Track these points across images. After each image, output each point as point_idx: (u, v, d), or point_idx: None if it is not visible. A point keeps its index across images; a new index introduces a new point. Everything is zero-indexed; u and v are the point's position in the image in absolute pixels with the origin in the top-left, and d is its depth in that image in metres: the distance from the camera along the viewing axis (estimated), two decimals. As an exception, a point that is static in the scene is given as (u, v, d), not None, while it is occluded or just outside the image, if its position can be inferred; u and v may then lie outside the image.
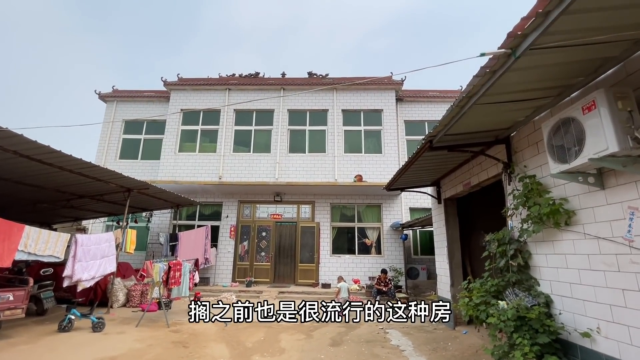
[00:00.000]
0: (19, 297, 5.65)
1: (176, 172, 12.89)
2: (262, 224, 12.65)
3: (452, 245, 6.98)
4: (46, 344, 5.47)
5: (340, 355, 5.18)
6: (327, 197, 12.76)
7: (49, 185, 7.52)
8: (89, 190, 8.33)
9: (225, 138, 13.25)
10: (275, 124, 13.37)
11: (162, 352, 5.21)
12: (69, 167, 6.49)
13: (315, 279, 11.82)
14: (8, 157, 5.71)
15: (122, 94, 15.00)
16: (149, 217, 12.42)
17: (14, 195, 8.11)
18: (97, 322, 6.29)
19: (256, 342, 5.81)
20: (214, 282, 11.95)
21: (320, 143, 13.25)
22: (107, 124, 14.68)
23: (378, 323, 7.31)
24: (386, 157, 12.86)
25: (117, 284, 8.78)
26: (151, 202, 10.30)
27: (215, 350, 5.31)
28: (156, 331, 6.40)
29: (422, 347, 5.54)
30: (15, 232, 5.60)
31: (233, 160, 13.04)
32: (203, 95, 13.90)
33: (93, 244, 7.25)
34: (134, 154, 14.38)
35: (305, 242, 12.30)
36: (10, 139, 5.08)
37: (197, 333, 6.35)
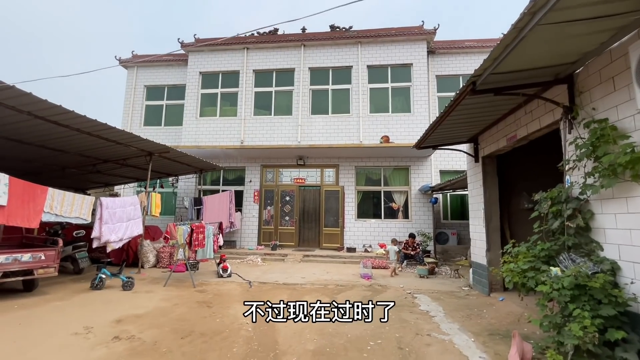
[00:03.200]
0: (50, 256, 5.82)
1: (198, 137, 12.76)
2: (286, 188, 12.44)
3: (490, 207, 6.34)
4: (78, 300, 5.67)
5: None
6: (351, 160, 12.21)
7: (72, 149, 7.55)
8: (112, 154, 8.33)
9: (245, 101, 12.80)
10: (296, 84, 12.67)
11: (187, 311, 5.21)
12: (86, 129, 6.37)
13: (340, 243, 11.66)
14: (24, 119, 5.63)
15: (142, 59, 14.73)
16: (174, 182, 12.56)
17: (42, 160, 8.29)
18: (127, 282, 6.45)
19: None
20: (240, 245, 12.14)
21: (344, 103, 12.48)
22: (129, 92, 14.65)
23: (405, 287, 7.03)
24: (415, 116, 11.92)
25: (147, 246, 9.03)
26: (174, 166, 10.28)
27: (238, 311, 5.24)
28: (182, 291, 6.49)
29: (454, 314, 5.18)
30: (39, 194, 5.64)
31: (254, 124, 12.65)
32: (221, 56, 13.32)
33: (118, 207, 7.32)
34: (157, 120, 14.38)
35: (330, 206, 12.02)
36: (20, 98, 4.92)
37: (221, 294, 6.37)
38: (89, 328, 4.32)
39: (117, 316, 4.83)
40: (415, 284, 7.48)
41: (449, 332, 4.39)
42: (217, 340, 4.03)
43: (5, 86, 4.52)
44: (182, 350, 3.74)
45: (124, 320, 4.66)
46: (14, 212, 5.19)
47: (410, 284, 7.46)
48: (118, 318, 4.75)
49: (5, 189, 5.07)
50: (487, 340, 4.06)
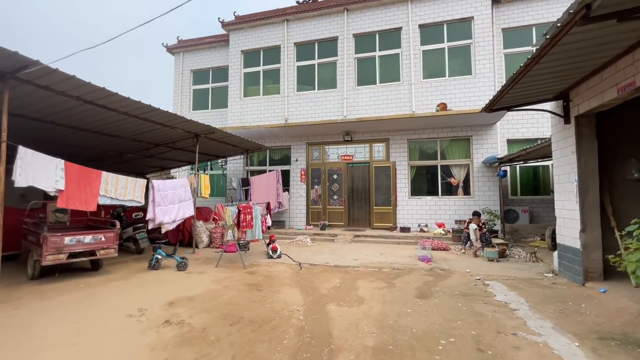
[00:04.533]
0: (110, 238, 6.02)
1: (243, 118, 12.65)
2: (333, 166, 11.89)
3: (586, 178, 5.13)
4: (136, 280, 5.83)
5: (431, 310, 4.29)
6: (403, 132, 11.18)
7: (125, 134, 7.74)
8: (161, 138, 8.45)
9: (287, 77, 12.28)
10: (340, 54, 11.79)
11: (236, 294, 5.03)
12: (133, 112, 6.37)
13: (392, 223, 10.93)
14: (75, 105, 5.71)
15: (187, 44, 14.87)
16: (223, 164, 12.71)
17: (101, 147, 8.71)
18: (181, 262, 6.53)
19: (331, 289, 5.28)
20: (288, 225, 12.02)
21: (393, 70, 11.35)
22: (177, 77, 14.97)
23: (473, 272, 6.18)
24: (477, 78, 10.42)
25: (200, 227, 9.21)
26: (221, 148, 10.27)
27: (288, 296, 4.94)
28: (233, 272, 6.40)
29: (542, 308, 4.29)
30: (94, 177, 5.77)
31: (297, 100, 12.14)
32: (261, 31, 12.84)
33: (169, 189, 7.40)
34: (204, 104, 14.57)
35: (380, 183, 11.25)
36: (67, 82, 4.90)
37: (271, 276, 6.14)
38: (143, 310, 4.30)
39: (170, 298, 4.79)
40: (484, 268, 6.58)
41: (541, 331, 3.57)
42: (266, 330, 3.71)
43: (49, 69, 4.48)
44: (229, 339, 3.47)
45: (175, 303, 4.59)
46: (72, 196, 5.36)
47: (478, 268, 6.57)
48: (170, 300, 4.71)
49: (62, 173, 5.22)
50: (597, 346, 3.19)
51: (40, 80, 4.77)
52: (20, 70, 4.38)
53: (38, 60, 4.33)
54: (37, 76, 4.61)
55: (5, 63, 4.23)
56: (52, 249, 5.32)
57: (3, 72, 4.39)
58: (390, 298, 4.81)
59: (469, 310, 4.25)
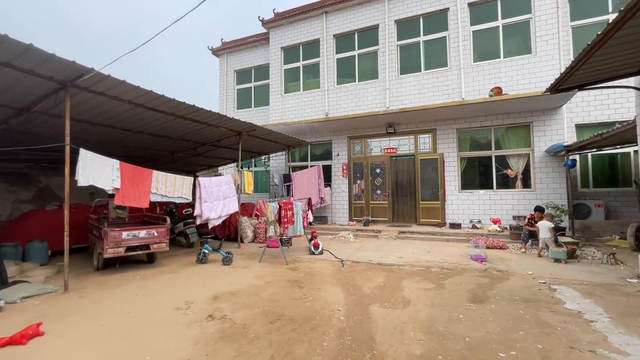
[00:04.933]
0: (161, 233, 6.38)
1: (284, 114, 12.75)
2: (376, 160, 11.49)
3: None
4: (185, 273, 6.10)
5: (486, 316, 3.86)
6: (451, 122, 10.41)
7: (174, 134, 8.15)
8: (207, 137, 8.78)
9: (327, 70, 12.09)
10: (381, 43, 11.29)
11: (278, 290, 5.02)
12: (179, 113, 6.64)
13: (441, 218, 10.27)
14: (128, 108, 6.10)
15: (230, 45, 15.36)
16: (265, 161, 12.95)
17: (154, 147, 9.30)
18: (226, 257, 6.72)
19: (375, 289, 5.03)
20: (331, 221, 11.91)
21: (439, 55, 10.59)
22: (222, 78, 15.55)
23: (536, 275, 5.50)
24: (539, 57, 9.30)
25: (244, 222, 9.46)
26: (263, 145, 10.43)
27: (329, 294, 4.79)
28: (275, 268, 6.43)
29: (628, 321, 3.63)
30: (146, 176, 6.13)
31: (338, 94, 11.91)
32: (300, 26, 12.78)
33: (215, 186, 7.65)
34: (247, 103, 14.97)
35: (427, 177, 10.62)
36: (118, 88, 5.21)
37: (313, 272, 6.06)
38: (189, 303, 4.44)
39: (214, 292, 4.91)
40: (549, 270, 5.84)
41: (628, 350, 3.00)
42: (306, 329, 3.60)
43: (103, 76, 4.78)
44: (269, 337, 3.42)
45: (219, 298, 4.69)
46: (127, 194, 5.75)
47: (543, 270, 5.85)
48: (215, 294, 4.82)
49: (118, 173, 5.61)
50: None
51: (96, 87, 5.13)
52: (78, 78, 4.74)
53: (92, 68, 4.64)
54: (92, 83, 4.96)
55: (65, 72, 4.60)
56: (112, 242, 5.76)
57: (64, 81, 4.79)
58: (439, 301, 4.44)
59: (532, 319, 3.74)
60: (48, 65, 4.39)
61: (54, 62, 4.33)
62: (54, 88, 4.99)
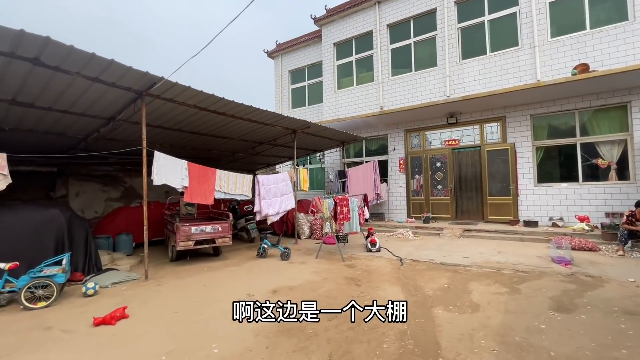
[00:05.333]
0: (225, 228, 6.78)
1: (338, 110, 12.67)
2: (435, 153, 10.81)
3: None
4: (247, 267, 6.40)
5: (576, 328, 3.32)
6: (524, 107, 9.30)
7: (234, 135, 8.60)
8: (263, 136, 9.11)
9: (381, 62, 11.69)
10: (439, 27, 10.54)
11: (335, 287, 4.97)
12: (238, 114, 6.97)
13: (513, 215, 9.26)
14: (194, 113, 6.57)
15: (284, 46, 15.77)
16: (321, 158, 13.03)
17: (217, 148, 9.95)
18: (284, 252, 6.90)
19: (438, 290, 4.69)
20: (388, 218, 11.53)
21: (508, 34, 9.52)
22: (277, 79, 16.06)
23: (638, 282, 4.61)
24: (638, 23, 7.79)
25: (301, 219, 9.64)
26: (317, 142, 10.50)
27: (388, 293, 4.60)
28: (332, 264, 6.40)
29: None
30: (210, 175, 6.56)
31: (393, 86, 11.44)
32: (352, 20, 12.55)
33: (272, 183, 7.90)
34: (302, 101, 15.23)
35: (495, 170, 9.66)
36: (184, 94, 5.64)
37: (370, 270, 5.89)
38: (251, 296, 4.62)
39: (274, 286, 5.05)
40: (658, 278, 4.85)
41: None
42: (364, 329, 3.48)
43: (171, 83, 5.21)
44: (327, 335, 3.37)
45: (278, 292, 4.80)
46: (194, 192, 6.21)
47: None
48: (274, 288, 4.95)
49: (186, 172, 6.08)
50: None
51: (166, 94, 5.61)
52: (151, 87, 5.23)
53: (162, 77, 5.07)
54: (163, 91, 5.43)
55: (140, 82, 5.10)
56: (183, 236, 6.28)
57: (139, 91, 5.32)
58: (514, 307, 3.96)
59: (638, 336, 3.11)
60: (127, 77, 4.91)
61: (131, 74, 4.83)
62: (132, 98, 5.57)
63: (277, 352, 3.06)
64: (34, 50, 4.01)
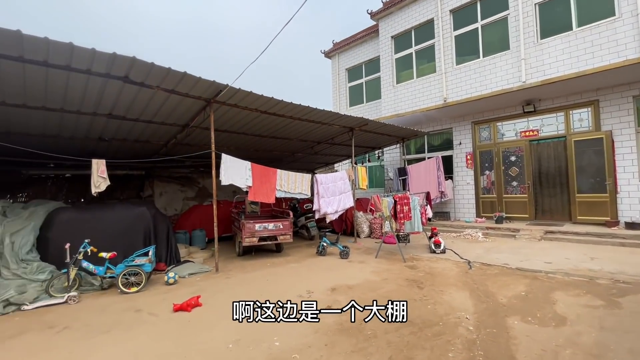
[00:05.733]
0: (286, 226, 7.03)
1: (397, 105, 12.22)
2: (509, 146, 9.76)
3: None
4: (307, 264, 6.54)
5: (703, 357, 2.68)
6: (624, 88, 7.88)
7: (293, 136, 8.87)
8: (321, 136, 9.22)
9: (444, 51, 10.95)
10: (512, 5, 9.47)
11: (395, 288, 4.79)
12: (296, 115, 7.17)
13: (610, 216, 7.90)
14: (255, 116, 6.94)
15: (341, 45, 15.77)
16: (380, 155, 12.73)
17: (278, 149, 10.38)
18: (343, 250, 6.89)
19: (513, 298, 4.22)
20: (454, 217, 10.77)
21: (600, 4, 8.12)
22: (334, 79, 16.13)
23: None
24: None
25: (360, 217, 9.53)
26: (376, 139, 10.29)
27: (454, 299, 4.28)
28: (392, 265, 6.20)
29: None
30: (272, 175, 6.86)
31: (458, 75, 10.62)
32: (410, 9, 11.98)
33: (330, 182, 7.95)
34: (359, 99, 15.07)
35: (586, 162, 8.35)
36: (246, 99, 5.98)
37: (434, 273, 5.56)
38: (310, 292, 4.71)
39: (333, 284, 5.07)
40: None
41: None
42: (427, 335, 3.28)
43: (234, 90, 5.57)
44: (387, 337, 3.26)
45: (337, 290, 4.81)
46: (257, 191, 6.56)
47: None
48: (333, 286, 4.97)
49: (250, 173, 6.45)
50: None
51: (230, 100, 6.01)
52: (217, 95, 5.66)
53: (228, 84, 5.45)
54: (228, 97, 5.83)
55: (208, 91, 5.55)
56: (248, 233, 6.68)
57: (208, 99, 5.80)
58: (613, 324, 3.36)
59: None
60: (197, 87, 5.38)
61: (200, 84, 5.28)
62: (202, 105, 6.10)
63: (335, 350, 3.06)
64: (123, 69, 4.62)
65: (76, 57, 4.16)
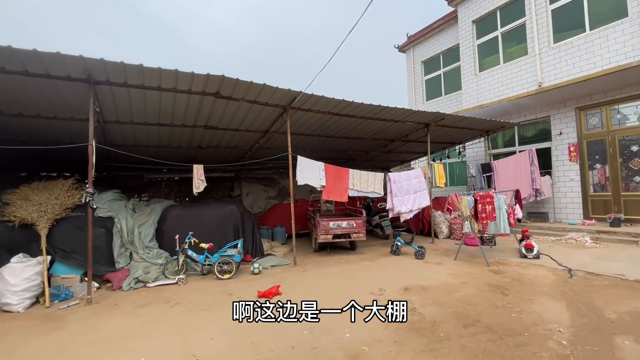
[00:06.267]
0: (359, 224, 7.15)
1: (480, 95, 11.21)
2: (630, 133, 8.10)
3: None
4: (380, 263, 6.54)
5: None
6: None
7: (365, 135, 8.93)
8: (394, 133, 9.06)
9: (537, 29, 9.63)
10: (629, -37, 7.82)
11: (475, 293, 4.50)
12: (367, 115, 7.24)
13: None
14: (328, 119, 7.23)
15: (416, 37, 15.14)
16: (460, 151, 11.84)
17: (351, 149, 10.53)
18: (418, 250, 6.69)
19: (626, 314, 3.57)
20: (553, 219, 9.39)
21: None
22: (409, 73, 15.58)
23: None
24: None
25: (438, 217, 9.07)
26: (455, 133, 9.64)
27: (546, 309, 3.82)
28: (473, 268, 5.79)
29: None
30: (344, 174, 7.06)
31: (556, 54, 9.23)
32: (495, -12, 10.85)
33: (404, 180, 7.78)
34: (437, 92, 14.26)
35: None
36: (319, 102, 6.30)
37: (523, 279, 5.02)
38: (382, 290, 4.75)
39: (406, 284, 5.01)
40: None
41: None
42: (508, 344, 3.04)
43: (308, 95, 5.93)
44: (461, 342, 3.13)
45: (410, 290, 4.74)
46: (330, 190, 6.83)
47: None
48: (406, 286, 4.91)
49: (323, 173, 6.77)
50: None
51: (304, 105, 6.41)
52: (292, 101, 6.10)
53: (301, 91, 5.84)
54: (302, 103, 6.24)
55: (285, 98, 6.03)
56: (323, 230, 7.02)
57: (284, 106, 6.29)
58: None
59: None
60: (275, 95, 5.90)
61: (278, 92, 5.77)
62: (279, 112, 6.64)
63: (405, 348, 3.08)
64: (215, 86, 5.37)
65: (180, 80, 5.01)
